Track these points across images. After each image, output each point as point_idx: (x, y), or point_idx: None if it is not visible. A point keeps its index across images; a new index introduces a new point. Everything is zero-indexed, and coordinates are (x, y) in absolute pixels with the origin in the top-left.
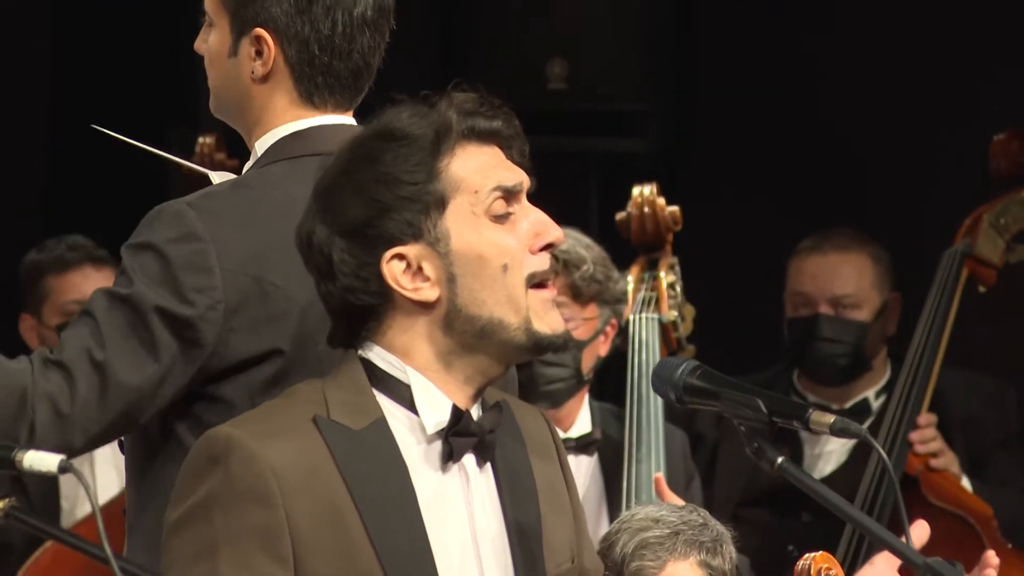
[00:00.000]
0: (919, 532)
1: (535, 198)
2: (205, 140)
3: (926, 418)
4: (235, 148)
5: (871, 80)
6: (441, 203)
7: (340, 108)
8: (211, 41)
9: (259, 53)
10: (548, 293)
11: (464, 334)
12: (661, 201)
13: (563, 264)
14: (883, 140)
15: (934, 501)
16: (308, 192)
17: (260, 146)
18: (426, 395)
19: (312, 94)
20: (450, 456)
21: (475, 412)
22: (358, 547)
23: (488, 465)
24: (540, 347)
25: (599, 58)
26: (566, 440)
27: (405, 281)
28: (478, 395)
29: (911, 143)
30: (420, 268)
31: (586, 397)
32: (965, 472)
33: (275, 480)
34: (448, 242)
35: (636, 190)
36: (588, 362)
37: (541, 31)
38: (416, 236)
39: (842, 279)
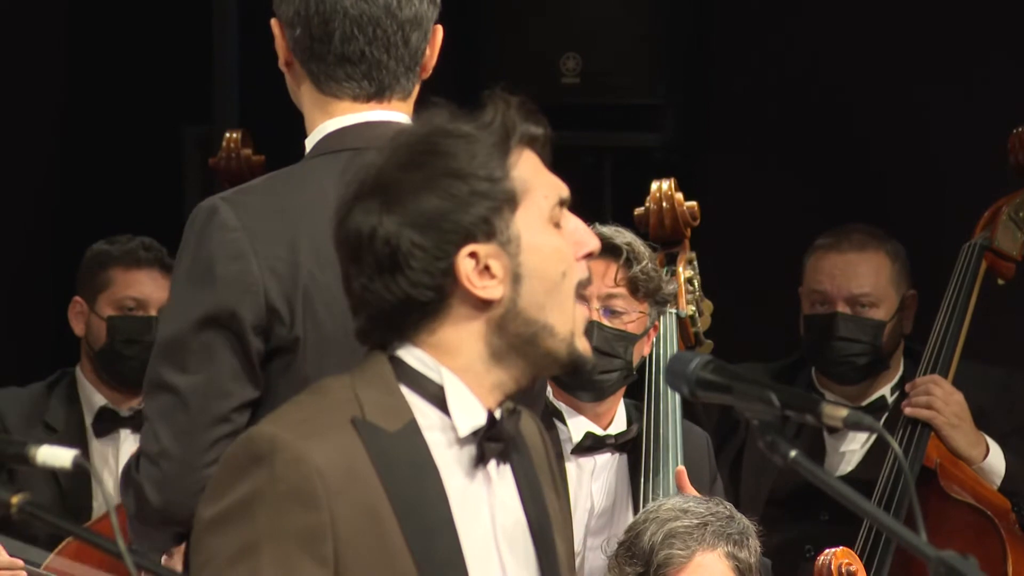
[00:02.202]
0: None
1: None
2: (232, 135)
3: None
4: (262, 144)
5: (888, 72)
6: (513, 202)
7: (360, 100)
8: None
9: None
10: (585, 311)
11: (516, 337)
12: (679, 196)
13: (625, 257)
14: (900, 132)
15: (952, 494)
16: (339, 186)
17: (308, 143)
18: (460, 398)
19: (320, 79)
20: (480, 459)
21: (498, 415)
22: (396, 550)
23: (507, 469)
24: (574, 365)
25: (612, 52)
26: (606, 437)
27: (475, 277)
28: (504, 402)
29: (928, 135)
30: (488, 266)
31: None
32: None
33: (320, 482)
34: (519, 243)
35: (654, 185)
36: (635, 358)
37: (554, 25)
38: (489, 234)
39: (860, 278)
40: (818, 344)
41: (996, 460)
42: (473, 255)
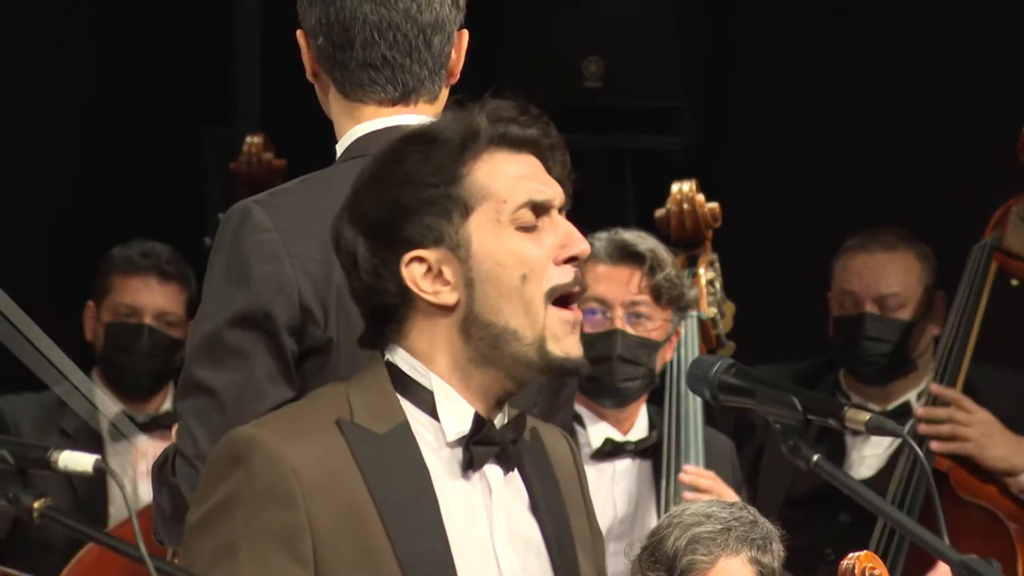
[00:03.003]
0: None
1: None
2: (253, 140)
3: (940, 390)
4: (283, 148)
5: (905, 75)
6: (464, 209)
7: (386, 104)
8: None
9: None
10: (571, 315)
11: (480, 342)
12: (700, 197)
13: (648, 265)
14: (917, 135)
15: (963, 496)
16: None
17: (339, 148)
18: (449, 402)
19: (344, 86)
20: (470, 464)
21: (498, 421)
22: (379, 551)
23: (515, 477)
24: (551, 369)
25: (634, 55)
26: (625, 444)
27: (425, 284)
28: (499, 405)
29: (945, 138)
30: (440, 272)
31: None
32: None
33: (296, 481)
34: (469, 248)
35: (675, 187)
36: (659, 364)
37: (575, 29)
38: (437, 241)
39: (889, 278)
40: (846, 344)
41: None
42: (422, 261)
